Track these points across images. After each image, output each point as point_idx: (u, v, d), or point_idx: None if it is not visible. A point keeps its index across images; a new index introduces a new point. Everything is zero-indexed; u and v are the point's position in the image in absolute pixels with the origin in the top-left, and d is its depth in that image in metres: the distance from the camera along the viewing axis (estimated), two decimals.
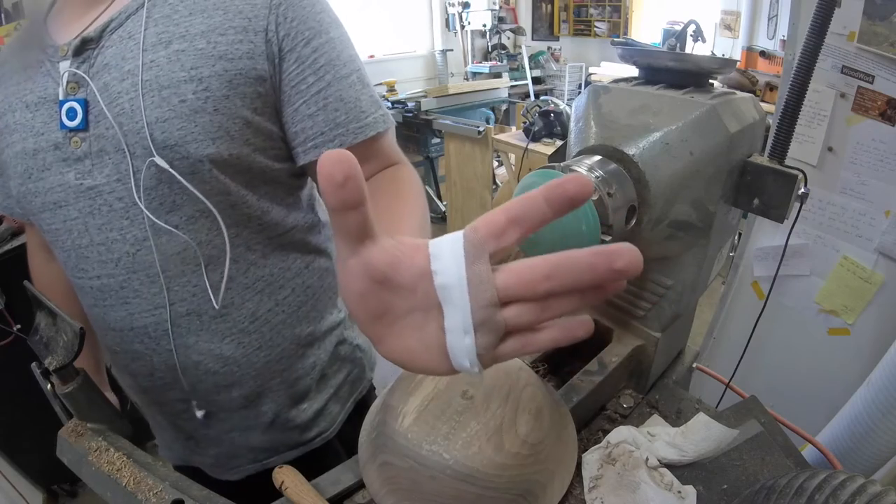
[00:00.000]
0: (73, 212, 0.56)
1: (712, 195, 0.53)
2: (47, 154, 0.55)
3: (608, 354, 0.64)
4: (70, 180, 0.55)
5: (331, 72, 0.57)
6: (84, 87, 0.53)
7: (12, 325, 1.38)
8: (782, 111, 0.52)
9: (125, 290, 0.59)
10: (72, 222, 0.57)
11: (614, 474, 0.53)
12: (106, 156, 0.54)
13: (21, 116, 0.55)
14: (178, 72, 0.52)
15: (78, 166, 0.54)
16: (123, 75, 0.52)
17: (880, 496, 0.38)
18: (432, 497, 0.47)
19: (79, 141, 0.54)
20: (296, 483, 0.53)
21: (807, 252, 1.18)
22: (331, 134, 0.57)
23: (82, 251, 0.58)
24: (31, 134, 0.55)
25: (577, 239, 0.45)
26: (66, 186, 0.55)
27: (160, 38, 0.52)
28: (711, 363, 1.27)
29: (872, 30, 0.95)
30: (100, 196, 0.55)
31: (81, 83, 0.53)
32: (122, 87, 0.52)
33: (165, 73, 0.51)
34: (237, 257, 0.61)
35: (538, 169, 0.48)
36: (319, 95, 0.56)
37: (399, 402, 0.51)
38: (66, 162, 0.55)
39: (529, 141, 2.59)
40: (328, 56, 0.57)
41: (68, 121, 0.53)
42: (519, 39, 5.39)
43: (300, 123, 0.57)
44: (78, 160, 0.54)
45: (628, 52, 0.59)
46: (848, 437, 0.82)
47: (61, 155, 0.55)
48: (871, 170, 1.04)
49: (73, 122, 0.53)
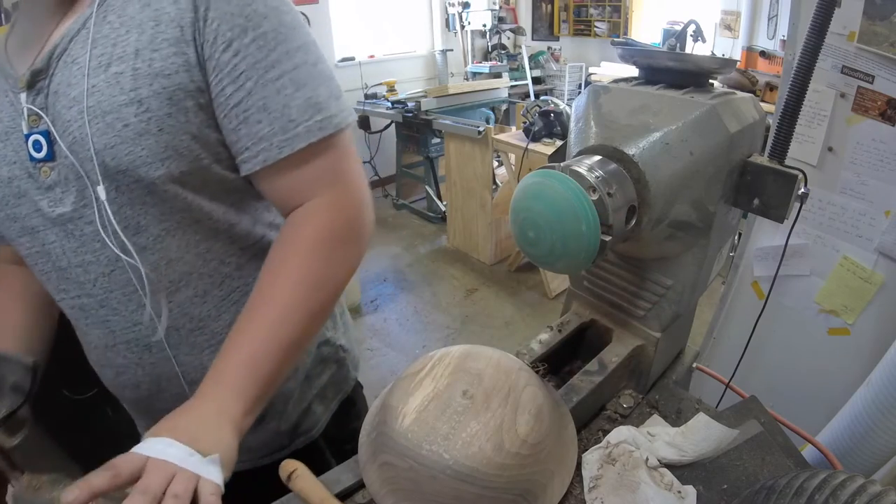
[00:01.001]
0: (51, 236, 0.57)
1: (712, 195, 0.53)
2: (21, 182, 0.55)
3: (608, 354, 0.64)
4: (44, 207, 0.55)
5: (252, 78, 0.51)
6: (42, 119, 0.53)
7: None
8: (782, 111, 0.52)
9: (105, 308, 0.60)
10: (49, 246, 0.57)
11: (614, 474, 0.53)
12: (69, 184, 0.54)
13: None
14: (118, 95, 0.50)
15: (49, 195, 0.55)
16: (70, 102, 0.51)
17: (880, 496, 0.38)
18: (432, 497, 0.47)
19: (48, 170, 0.54)
20: (305, 475, 0.53)
21: (807, 252, 1.18)
22: (255, 149, 0.53)
23: (63, 273, 0.59)
24: (4, 163, 0.55)
25: (577, 239, 0.45)
26: (41, 213, 0.56)
27: (100, 62, 0.50)
28: (711, 363, 1.27)
29: (872, 30, 0.95)
30: (70, 222, 0.55)
31: (39, 115, 0.53)
32: (70, 114, 0.51)
33: (106, 97, 0.50)
34: (211, 272, 0.61)
35: (538, 169, 0.48)
36: (239, 108, 0.52)
37: (399, 402, 0.51)
38: (39, 190, 0.55)
39: (529, 141, 2.59)
40: (253, 58, 0.51)
41: (35, 152, 0.53)
42: (519, 39, 5.39)
43: (228, 137, 0.55)
44: (48, 189, 0.55)
45: (628, 52, 0.59)
46: (848, 437, 0.82)
47: (34, 184, 0.55)
48: (871, 170, 1.04)
49: (40, 154, 0.53)
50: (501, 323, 2.65)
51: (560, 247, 0.46)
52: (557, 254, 0.47)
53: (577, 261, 0.46)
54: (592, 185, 0.45)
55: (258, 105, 0.52)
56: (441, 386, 0.52)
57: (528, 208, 0.48)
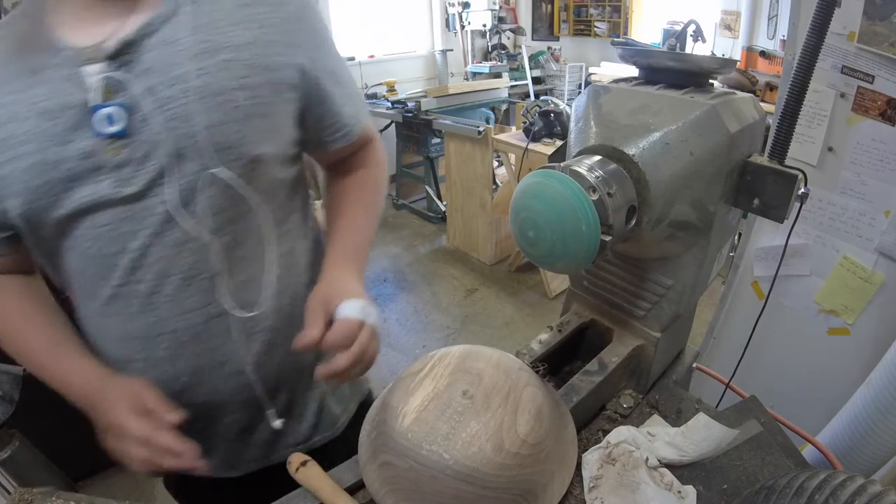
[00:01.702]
0: (103, 219, 0.54)
1: (712, 195, 0.53)
2: (74, 164, 0.52)
3: (608, 354, 0.64)
4: (104, 189, 0.53)
5: (342, 73, 0.67)
6: (123, 92, 0.51)
7: None
8: (782, 111, 0.52)
9: (155, 295, 0.58)
10: (100, 230, 0.55)
11: (614, 474, 0.53)
12: (150, 161, 0.53)
13: (35, 125, 0.51)
14: (228, 80, 0.54)
15: (115, 174, 0.53)
16: (172, 80, 0.52)
17: (880, 496, 0.38)
18: (432, 497, 0.47)
19: (118, 148, 0.52)
20: (313, 467, 0.54)
21: (807, 252, 1.18)
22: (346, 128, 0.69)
23: (110, 259, 0.56)
24: (52, 144, 0.51)
25: (577, 239, 0.45)
26: (97, 195, 0.53)
27: (205, 48, 0.53)
28: (711, 363, 1.27)
29: (872, 30, 0.95)
30: (138, 202, 0.54)
31: (119, 88, 0.51)
32: (170, 91, 0.52)
33: (217, 80, 0.53)
34: (269, 258, 0.64)
35: (538, 169, 0.48)
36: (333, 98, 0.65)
37: (399, 402, 0.51)
38: (99, 171, 0.52)
39: (529, 141, 2.59)
40: (336, 60, 0.66)
41: (107, 126, 0.51)
42: (519, 39, 5.38)
43: (322, 121, 0.66)
44: (116, 168, 0.52)
45: (628, 52, 0.59)
46: (848, 437, 0.82)
47: (94, 163, 0.52)
48: (871, 170, 1.04)
49: (113, 128, 0.51)
50: (501, 323, 2.65)
51: (560, 247, 0.46)
52: (557, 254, 0.47)
53: (577, 261, 0.46)
54: (592, 185, 0.45)
55: (348, 93, 0.68)
56: (441, 386, 0.52)
57: (528, 208, 0.48)
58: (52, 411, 0.76)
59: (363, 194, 0.74)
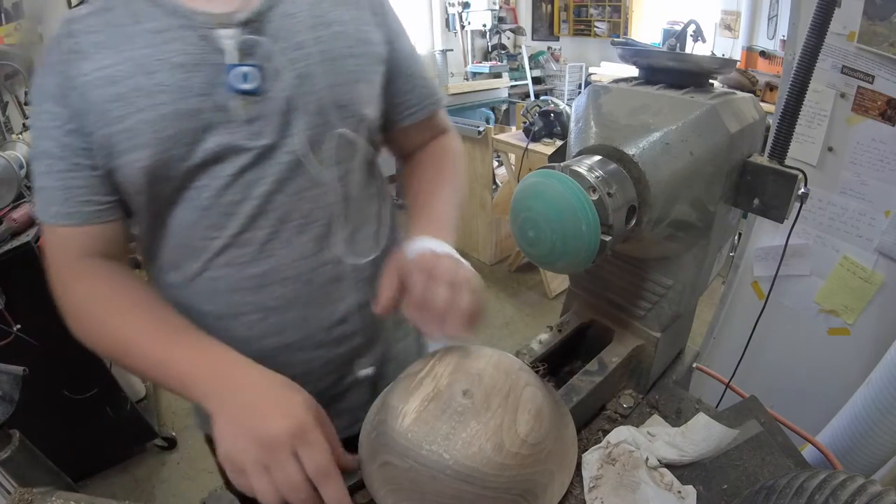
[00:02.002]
0: (231, 168, 0.58)
1: (712, 195, 0.53)
2: (210, 115, 0.56)
3: (608, 354, 0.64)
4: (236, 140, 0.57)
5: (417, 57, 0.74)
6: (255, 55, 0.57)
7: (12, 325, 1.38)
8: (782, 111, 0.52)
9: (271, 242, 0.62)
10: (226, 179, 0.58)
11: (614, 474, 0.53)
12: (277, 116, 0.58)
13: (170, 77, 0.54)
14: (342, 48, 0.62)
15: (247, 128, 0.57)
16: (294, 46, 0.58)
17: (880, 496, 0.38)
18: (432, 497, 0.47)
19: (250, 104, 0.57)
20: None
21: (807, 252, 1.18)
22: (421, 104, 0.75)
23: (231, 207, 0.59)
24: (188, 95, 0.55)
25: (577, 238, 0.45)
26: (228, 146, 0.57)
27: (319, 21, 0.61)
28: (711, 363, 1.27)
29: (872, 30, 0.95)
30: (267, 153, 0.59)
31: (252, 50, 0.57)
32: (295, 55, 0.58)
33: (333, 47, 0.61)
34: (366, 215, 0.71)
35: (538, 169, 0.48)
36: (412, 76, 0.72)
37: (399, 402, 0.51)
38: (232, 123, 0.57)
39: (529, 141, 2.59)
40: (412, 46, 0.74)
41: (242, 83, 0.56)
42: (519, 39, 5.39)
43: (396, 98, 0.72)
44: (247, 122, 0.57)
45: (628, 52, 0.59)
46: (848, 437, 0.82)
47: (227, 117, 0.56)
48: (871, 170, 1.04)
49: (248, 86, 0.56)
50: (501, 323, 2.65)
51: (560, 247, 0.46)
52: (557, 254, 0.47)
53: (577, 261, 0.46)
54: (592, 185, 0.45)
55: (420, 75, 0.74)
56: (441, 386, 0.52)
57: (528, 208, 0.48)
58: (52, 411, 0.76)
59: (444, 175, 0.76)
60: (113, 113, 0.54)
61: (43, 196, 0.57)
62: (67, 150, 0.56)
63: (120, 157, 0.55)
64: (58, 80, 0.55)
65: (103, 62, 0.54)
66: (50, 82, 0.55)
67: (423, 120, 0.76)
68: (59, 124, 0.55)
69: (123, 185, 0.58)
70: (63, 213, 0.57)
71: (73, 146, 0.56)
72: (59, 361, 1.48)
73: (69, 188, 0.56)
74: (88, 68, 0.54)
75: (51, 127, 0.55)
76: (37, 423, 1.04)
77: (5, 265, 1.38)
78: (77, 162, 0.56)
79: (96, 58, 0.54)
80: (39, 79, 0.56)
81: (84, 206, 0.57)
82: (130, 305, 0.58)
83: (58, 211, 0.57)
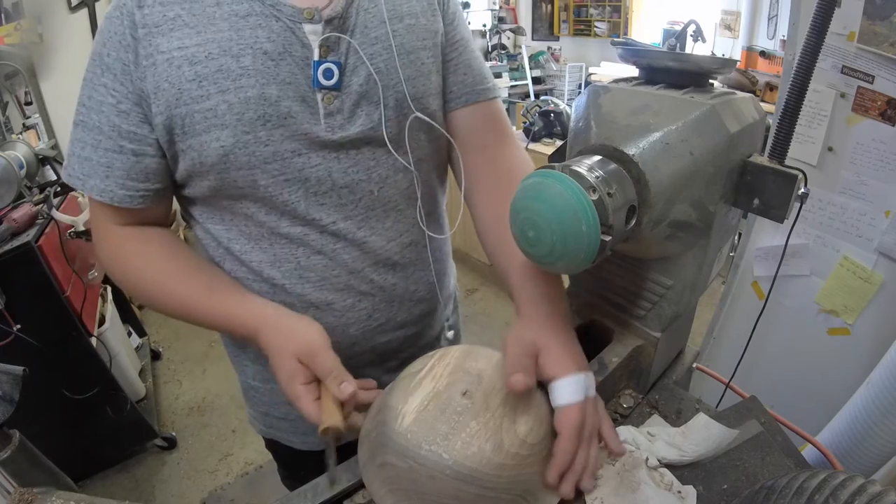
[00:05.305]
0: (316, 159, 0.60)
1: (712, 195, 0.53)
2: (292, 104, 0.57)
3: (608, 354, 0.64)
4: (319, 131, 0.59)
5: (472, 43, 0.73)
6: (335, 52, 0.59)
7: (12, 325, 1.38)
8: (782, 111, 0.52)
9: (362, 230, 0.65)
10: (311, 170, 0.60)
11: (614, 474, 0.53)
12: (358, 108, 0.61)
13: (253, 62, 0.55)
14: (415, 41, 0.64)
15: (328, 120, 0.59)
16: (373, 40, 0.61)
17: (880, 496, 0.38)
18: (432, 497, 0.47)
19: (331, 98, 0.59)
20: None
21: (807, 252, 1.18)
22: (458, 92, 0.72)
23: (318, 198, 0.62)
24: (274, 81, 0.56)
25: (577, 239, 0.45)
26: (310, 137, 0.59)
27: (392, 14, 0.62)
28: (711, 363, 1.27)
29: (872, 30, 0.95)
30: (349, 144, 0.61)
31: (335, 48, 0.59)
32: (373, 49, 0.60)
33: (407, 41, 0.63)
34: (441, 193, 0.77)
35: (538, 169, 0.48)
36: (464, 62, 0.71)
37: (399, 402, 0.51)
38: (314, 115, 0.59)
39: (529, 141, 2.59)
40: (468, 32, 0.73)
41: (325, 80, 0.58)
42: (519, 39, 5.38)
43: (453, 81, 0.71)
44: (329, 115, 0.59)
45: (628, 52, 0.59)
46: (848, 437, 0.82)
47: (308, 108, 0.58)
48: (871, 170, 1.04)
49: (329, 82, 0.58)
50: (501, 323, 2.65)
51: (560, 247, 0.46)
52: (557, 254, 0.47)
53: (577, 261, 0.46)
54: (592, 185, 0.45)
55: (467, 63, 0.71)
56: (441, 386, 0.52)
57: (527, 208, 0.48)
58: (52, 411, 0.76)
59: None
60: (193, 92, 0.54)
61: (85, 166, 0.59)
62: (115, 130, 0.57)
63: (197, 135, 0.56)
64: (123, 55, 0.55)
65: (185, 42, 0.54)
66: (113, 56, 0.55)
67: (473, 106, 0.72)
68: (114, 102, 0.56)
69: (194, 167, 0.58)
70: (100, 189, 0.60)
71: (121, 128, 0.57)
72: (59, 361, 1.49)
73: (110, 166, 0.58)
74: (166, 46, 0.54)
75: (105, 103, 0.56)
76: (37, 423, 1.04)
77: (5, 265, 1.38)
78: (122, 144, 0.58)
79: (175, 35, 0.54)
80: (100, 48, 0.56)
81: (119, 189, 0.60)
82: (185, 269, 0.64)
83: (95, 185, 0.59)
